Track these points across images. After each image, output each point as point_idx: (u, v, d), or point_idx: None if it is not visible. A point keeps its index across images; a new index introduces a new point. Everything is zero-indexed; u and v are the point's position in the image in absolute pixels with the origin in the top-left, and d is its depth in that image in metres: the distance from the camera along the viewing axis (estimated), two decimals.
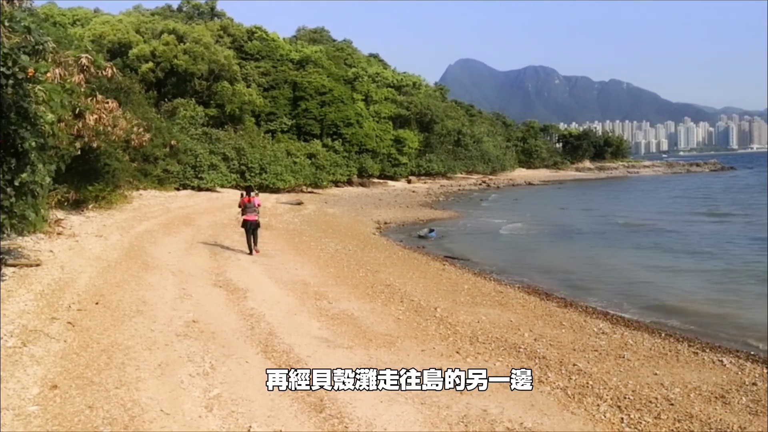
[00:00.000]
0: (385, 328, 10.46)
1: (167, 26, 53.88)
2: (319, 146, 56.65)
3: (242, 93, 52.68)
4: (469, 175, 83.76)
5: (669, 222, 32.68)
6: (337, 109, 62.80)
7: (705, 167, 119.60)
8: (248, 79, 59.68)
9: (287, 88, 62.72)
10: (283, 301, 12.00)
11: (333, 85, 64.19)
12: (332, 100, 62.84)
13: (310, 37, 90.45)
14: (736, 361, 9.80)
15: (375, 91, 71.64)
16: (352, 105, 65.00)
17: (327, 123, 62.06)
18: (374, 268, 16.77)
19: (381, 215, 35.42)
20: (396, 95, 74.28)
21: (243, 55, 63.25)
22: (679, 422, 7.05)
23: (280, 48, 67.61)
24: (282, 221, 27.84)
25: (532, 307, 13.34)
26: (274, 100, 61.22)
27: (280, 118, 60.74)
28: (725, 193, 57.48)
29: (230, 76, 52.92)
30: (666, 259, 20.92)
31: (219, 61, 51.21)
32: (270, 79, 62.69)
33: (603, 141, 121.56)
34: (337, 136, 61.83)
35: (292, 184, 47.40)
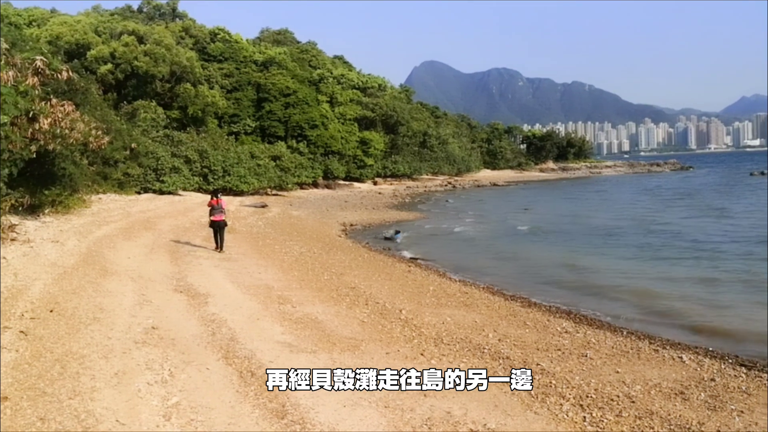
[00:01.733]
0: (349, 331, 10.36)
1: (127, 27, 52.94)
2: (284, 148, 56.20)
3: (205, 95, 52.02)
4: (434, 177, 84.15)
5: (639, 221, 33.21)
6: (302, 111, 62.44)
7: (665, 167, 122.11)
8: (211, 80, 58.95)
9: (251, 90, 62.16)
10: (246, 305, 11.81)
11: (297, 86, 63.82)
12: (297, 101, 62.46)
13: (274, 39, 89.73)
14: (695, 357, 9.95)
15: (340, 93, 71.43)
16: (317, 107, 64.71)
17: (291, 125, 61.66)
18: (339, 271, 16.66)
19: (347, 217, 35.30)
20: (361, 97, 74.18)
21: (206, 57, 62.48)
22: (640, 419, 7.11)
23: (244, 49, 66.95)
24: (245, 224, 27.52)
25: (497, 307, 13.39)
26: (237, 101, 60.61)
27: (243, 120, 60.16)
28: (683, 191, 58.76)
29: (193, 77, 52.22)
30: (648, 262, 21.18)
31: (181, 62, 50.48)
32: (233, 80, 62.05)
33: (566, 142, 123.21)
34: (301, 137, 61.48)
35: (256, 187, 46.93)
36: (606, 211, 40.04)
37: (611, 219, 34.58)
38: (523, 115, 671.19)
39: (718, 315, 13.30)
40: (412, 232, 30.02)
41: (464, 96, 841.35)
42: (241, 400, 7.01)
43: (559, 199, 54.38)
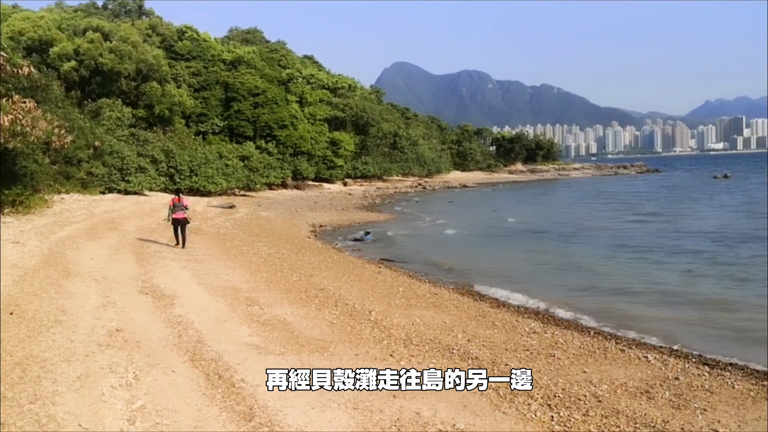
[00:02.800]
0: (318, 333, 10.30)
1: (91, 24, 51.99)
2: (252, 148, 55.76)
3: (172, 94, 51.27)
4: (405, 178, 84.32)
5: (606, 222, 33.67)
6: (271, 111, 62.00)
7: (632, 169, 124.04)
8: (178, 79, 58.21)
9: (219, 89, 61.54)
10: (213, 307, 11.66)
11: (266, 86, 63.37)
12: (266, 101, 62.00)
13: (242, 38, 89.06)
14: (660, 356, 10.10)
15: (310, 93, 71.14)
16: (286, 107, 64.32)
17: (260, 125, 61.20)
18: (308, 272, 16.57)
19: (316, 218, 35.15)
20: (331, 97, 73.97)
21: (173, 55, 61.67)
22: (607, 418, 7.18)
23: (212, 48, 66.26)
24: (213, 225, 27.23)
25: (466, 308, 13.44)
26: (205, 101, 59.95)
27: (211, 120, 59.53)
28: (647, 194, 59.84)
29: (159, 76, 51.44)
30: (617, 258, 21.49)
31: (147, 60, 49.71)
32: (201, 79, 61.37)
33: (535, 144, 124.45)
34: (270, 138, 61.03)
35: (224, 187, 46.45)
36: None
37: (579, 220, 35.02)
38: (492, 117, 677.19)
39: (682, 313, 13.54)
40: (383, 233, 30.00)
41: (434, 97, 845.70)
42: (207, 403, 6.91)
43: (528, 201, 54.92)
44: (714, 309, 13.89)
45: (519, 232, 30.33)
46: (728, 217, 34.29)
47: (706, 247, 23.42)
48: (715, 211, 39.07)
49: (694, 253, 21.79)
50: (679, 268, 19.19)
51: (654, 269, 19.11)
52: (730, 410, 7.66)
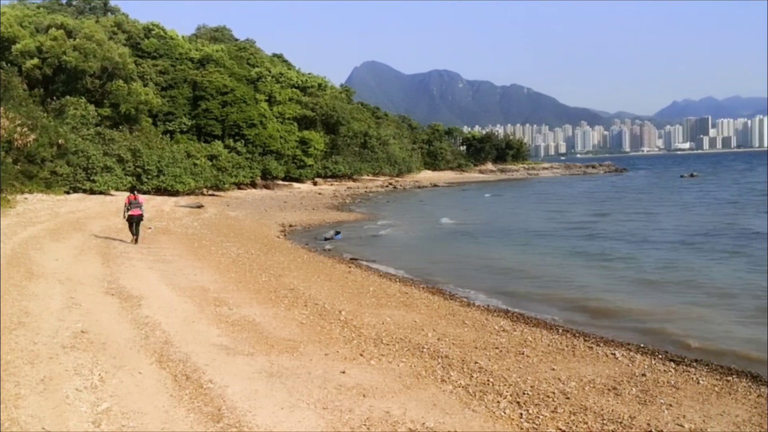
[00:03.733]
0: (287, 333, 10.25)
1: (55, 20, 50.98)
2: (221, 147, 55.24)
3: (138, 92, 50.52)
4: (375, 177, 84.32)
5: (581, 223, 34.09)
6: (240, 110, 61.49)
7: (600, 169, 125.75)
8: (145, 77, 57.40)
9: (186, 88, 60.84)
10: (181, 308, 11.53)
11: (235, 84, 62.83)
12: (234, 100, 61.48)
13: (211, 36, 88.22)
14: (627, 353, 10.24)
15: (279, 92, 70.73)
16: (255, 105, 63.85)
17: (229, 124, 60.66)
18: (278, 272, 16.48)
19: (286, 218, 34.97)
20: (301, 96, 73.63)
21: (139, 53, 60.82)
22: (575, 415, 7.26)
23: (179, 46, 65.48)
24: (181, 225, 26.91)
25: (436, 307, 13.49)
26: (172, 99, 59.22)
27: (179, 119, 58.84)
28: (609, 194, 60.78)
29: (125, 74, 50.67)
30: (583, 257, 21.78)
31: (113, 58, 48.90)
32: (168, 78, 60.60)
33: (505, 144, 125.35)
34: (239, 137, 60.54)
35: (192, 187, 45.94)
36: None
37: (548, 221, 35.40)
38: (463, 116, 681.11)
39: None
40: (353, 232, 29.98)
41: (405, 97, 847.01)
42: (175, 405, 6.83)
43: (499, 202, 55.35)
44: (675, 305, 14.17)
45: (493, 232, 30.55)
46: (687, 216, 34.98)
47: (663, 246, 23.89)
48: (677, 209, 39.79)
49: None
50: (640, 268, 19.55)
51: (617, 268, 19.43)
52: (695, 405, 7.80)
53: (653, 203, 45.35)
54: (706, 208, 39.65)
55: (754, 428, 7.15)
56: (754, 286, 15.79)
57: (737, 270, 18.22)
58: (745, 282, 16.44)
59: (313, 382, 7.82)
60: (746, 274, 17.60)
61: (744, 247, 22.41)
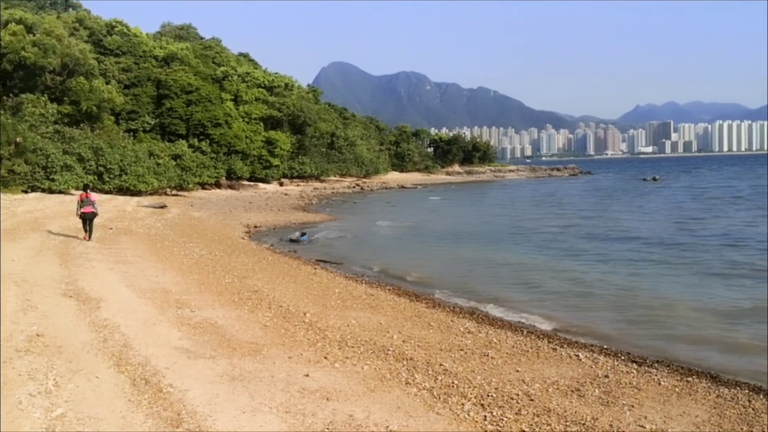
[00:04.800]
0: (251, 335, 10.11)
1: (14, 15, 49.59)
2: (185, 147, 54.50)
3: (100, 90, 49.44)
4: (342, 178, 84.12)
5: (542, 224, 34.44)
6: (205, 109, 60.75)
7: (565, 171, 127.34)
8: (107, 75, 56.25)
9: (150, 86, 59.88)
10: (141, 310, 11.30)
11: (200, 83, 62.06)
12: (199, 99, 60.71)
13: (175, 34, 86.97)
14: (591, 355, 10.33)
15: (245, 91, 70.08)
16: (220, 105, 63.16)
17: (193, 123, 59.88)
18: (242, 274, 16.29)
19: (251, 219, 34.63)
20: (267, 96, 73.04)
21: (101, 50, 59.66)
22: (538, 417, 7.28)
23: (143, 44, 64.43)
24: (143, 225, 26.45)
25: (402, 308, 13.45)
26: (136, 98, 58.21)
27: (142, 117, 57.88)
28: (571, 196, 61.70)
29: (87, 71, 49.53)
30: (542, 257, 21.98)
31: (73, 54, 47.77)
32: (132, 75, 59.57)
33: (471, 146, 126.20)
34: (204, 136, 59.82)
35: (155, 187, 45.19)
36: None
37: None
38: (430, 118, 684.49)
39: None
40: (319, 233, 29.81)
41: (373, 98, 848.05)
42: (133, 410, 6.67)
43: (466, 202, 55.68)
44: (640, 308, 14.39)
45: (454, 234, 30.70)
46: (644, 218, 35.68)
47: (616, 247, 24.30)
48: (638, 212, 40.54)
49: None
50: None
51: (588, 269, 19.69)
52: (656, 406, 7.90)
53: (597, 207, 46.07)
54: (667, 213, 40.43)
55: (713, 428, 7.26)
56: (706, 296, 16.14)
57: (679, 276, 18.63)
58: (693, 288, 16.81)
59: (275, 386, 7.71)
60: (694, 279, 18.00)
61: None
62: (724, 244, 24.01)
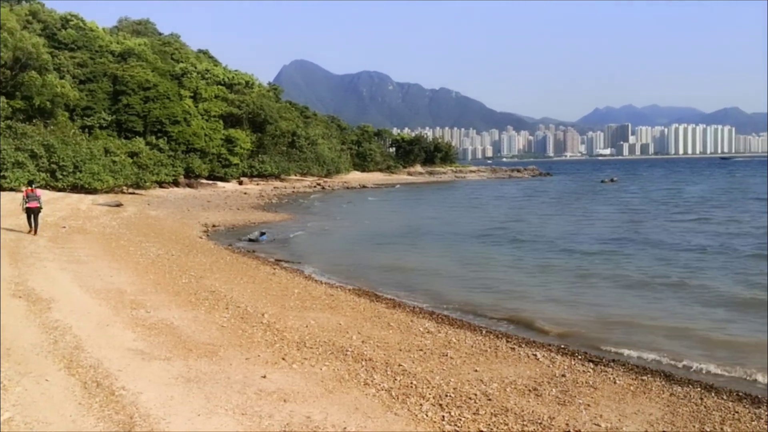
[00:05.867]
0: (207, 336, 9.96)
1: None
2: (142, 144, 53.49)
3: (54, 84, 48.20)
4: (303, 177, 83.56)
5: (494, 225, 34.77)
6: (163, 106, 59.74)
7: (525, 173, 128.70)
8: (61, 70, 54.96)
9: (106, 82, 58.63)
10: (94, 311, 11.04)
11: (158, 80, 61.01)
12: (157, 95, 59.67)
13: (133, 29, 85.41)
14: (548, 354, 10.46)
15: (204, 89, 69.13)
16: (179, 102, 62.19)
17: (151, 120, 58.83)
18: (199, 274, 16.04)
19: (209, 218, 34.16)
20: (227, 93, 72.19)
21: (56, 44, 58.24)
22: (496, 416, 7.33)
23: (99, 38, 63.14)
24: (98, 224, 25.85)
25: (362, 309, 13.42)
26: (91, 93, 56.92)
27: (98, 114, 56.62)
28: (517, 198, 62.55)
29: (39, 65, 48.20)
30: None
31: (25, 48, 46.44)
32: (87, 71, 58.26)
33: (433, 146, 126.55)
34: (162, 134, 58.79)
35: (110, 185, 44.21)
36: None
37: None
38: (392, 118, 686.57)
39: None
40: (279, 233, 29.59)
41: (334, 97, 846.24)
42: (83, 413, 6.51)
43: (428, 203, 55.92)
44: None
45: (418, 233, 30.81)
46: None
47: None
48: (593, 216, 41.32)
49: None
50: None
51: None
52: (611, 405, 8.02)
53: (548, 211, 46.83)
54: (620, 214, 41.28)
55: (666, 426, 7.41)
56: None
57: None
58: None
59: (232, 387, 7.61)
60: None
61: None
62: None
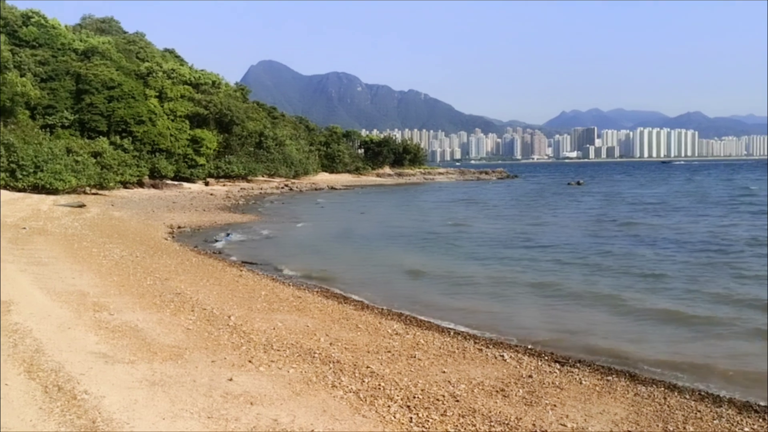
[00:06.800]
0: (172, 339, 9.82)
1: None
2: (106, 144, 52.54)
3: (14, 82, 47.14)
4: (271, 179, 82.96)
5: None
6: (128, 105, 58.81)
7: (493, 175, 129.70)
8: (22, 67, 53.77)
9: (69, 80, 57.51)
10: (56, 313, 10.79)
11: (123, 79, 60.06)
12: (122, 95, 58.73)
13: (97, 27, 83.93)
14: (516, 355, 10.51)
15: (170, 88, 68.22)
16: (144, 101, 61.31)
17: (115, 119, 57.89)
18: (164, 276, 15.81)
19: (175, 219, 33.70)
20: (193, 93, 71.35)
21: (16, 42, 56.97)
22: (464, 417, 7.35)
23: (62, 36, 61.90)
24: (59, 225, 25.32)
25: (330, 311, 13.36)
26: (53, 92, 55.79)
27: (60, 113, 55.52)
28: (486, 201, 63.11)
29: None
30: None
31: None
32: (49, 69, 57.08)
33: (402, 148, 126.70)
34: (126, 133, 57.89)
35: (73, 185, 43.32)
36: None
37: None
38: (361, 120, 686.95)
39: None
40: (245, 235, 29.32)
41: (302, 98, 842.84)
42: (44, 418, 6.36)
43: (396, 204, 56.02)
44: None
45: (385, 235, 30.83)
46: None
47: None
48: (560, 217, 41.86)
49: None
50: None
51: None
52: (577, 405, 8.10)
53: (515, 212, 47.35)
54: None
55: (630, 425, 7.51)
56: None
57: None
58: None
59: (197, 391, 7.51)
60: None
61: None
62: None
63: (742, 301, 14.91)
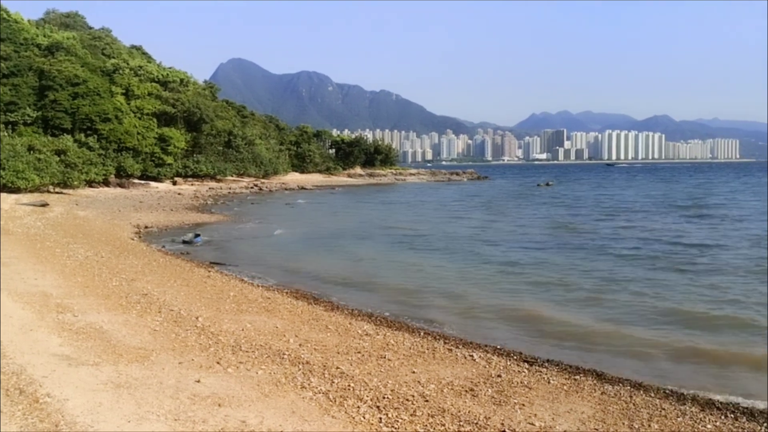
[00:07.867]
0: (138, 341, 9.66)
1: None
2: (70, 142, 51.55)
3: None
4: (240, 178, 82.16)
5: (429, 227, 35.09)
6: (93, 103, 57.75)
7: (464, 176, 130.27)
8: None
9: (32, 76, 56.27)
10: (17, 315, 10.56)
11: (88, 75, 58.98)
12: (87, 92, 57.65)
13: (61, 22, 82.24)
14: (485, 355, 10.58)
15: (137, 86, 67.17)
16: (110, 99, 60.30)
17: (80, 117, 56.80)
18: (130, 277, 15.56)
19: (141, 219, 33.21)
20: (161, 91, 70.36)
21: None
22: (433, 417, 7.38)
23: (24, 30, 60.55)
24: (22, 225, 24.77)
25: (300, 312, 13.29)
26: (15, 88, 54.54)
27: (22, 109, 54.30)
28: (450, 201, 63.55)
29: None
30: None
31: None
32: (10, 64, 55.77)
33: (373, 149, 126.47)
34: (92, 131, 56.84)
35: (35, 184, 42.39)
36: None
37: None
38: (332, 119, 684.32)
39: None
40: (214, 235, 29.01)
41: (273, 97, 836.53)
42: (6, 422, 6.23)
43: (369, 205, 55.98)
44: None
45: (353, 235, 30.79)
46: None
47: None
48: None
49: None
50: None
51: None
52: (545, 404, 8.18)
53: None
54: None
55: (597, 423, 7.62)
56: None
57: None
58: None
59: (164, 393, 7.41)
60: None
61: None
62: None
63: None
